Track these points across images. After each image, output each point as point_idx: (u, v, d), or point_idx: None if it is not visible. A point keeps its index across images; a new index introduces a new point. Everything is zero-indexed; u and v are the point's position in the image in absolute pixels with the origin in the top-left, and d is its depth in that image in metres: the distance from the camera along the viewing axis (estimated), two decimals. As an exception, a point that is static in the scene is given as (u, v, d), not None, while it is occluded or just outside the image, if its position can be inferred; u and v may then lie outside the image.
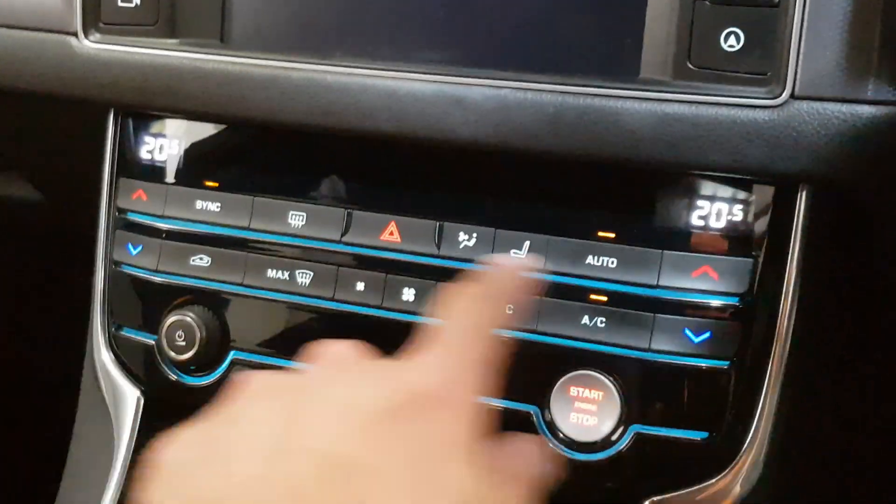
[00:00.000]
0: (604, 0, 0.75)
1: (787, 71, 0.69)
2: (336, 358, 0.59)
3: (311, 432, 0.50)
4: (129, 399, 0.87)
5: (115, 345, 0.88)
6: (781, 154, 0.70)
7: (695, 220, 0.75)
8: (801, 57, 0.69)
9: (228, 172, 0.86)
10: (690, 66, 0.72)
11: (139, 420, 0.87)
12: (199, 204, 0.85)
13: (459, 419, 0.53)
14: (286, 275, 0.82)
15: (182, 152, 0.88)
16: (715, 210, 0.75)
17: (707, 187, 0.75)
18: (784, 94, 0.69)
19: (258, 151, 0.86)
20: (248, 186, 0.84)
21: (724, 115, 0.70)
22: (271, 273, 0.82)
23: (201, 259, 0.84)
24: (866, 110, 0.68)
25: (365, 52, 0.80)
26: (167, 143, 0.88)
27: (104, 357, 0.88)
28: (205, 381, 0.84)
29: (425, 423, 0.51)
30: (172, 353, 0.82)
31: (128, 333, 0.88)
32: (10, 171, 1.07)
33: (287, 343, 0.81)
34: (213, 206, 0.84)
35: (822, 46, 0.68)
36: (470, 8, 0.77)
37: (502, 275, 0.65)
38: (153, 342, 0.84)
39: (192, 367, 0.83)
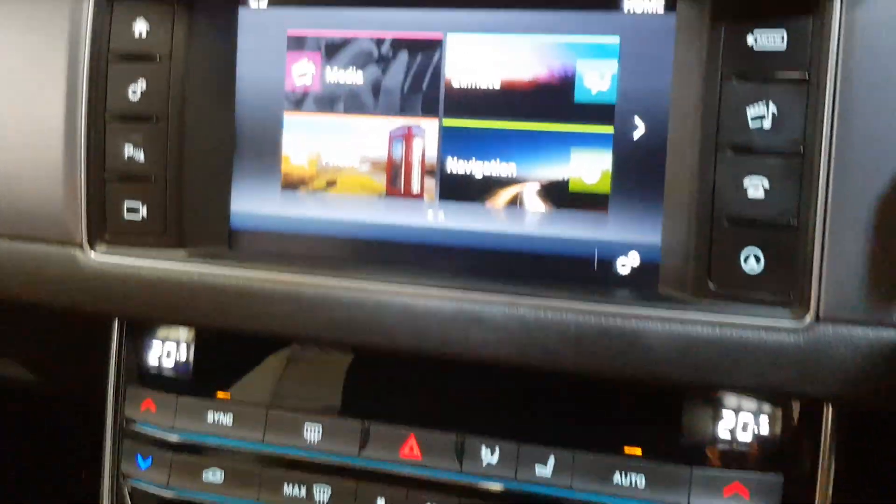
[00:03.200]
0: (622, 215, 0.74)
1: (810, 294, 0.69)
2: None
3: None
4: None
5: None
6: (808, 376, 0.69)
7: (722, 432, 0.74)
8: (823, 280, 0.68)
9: (240, 382, 0.84)
10: (711, 286, 0.71)
11: None
12: (210, 416, 0.83)
13: None
14: (303, 491, 0.80)
15: (191, 360, 0.86)
16: (741, 423, 0.74)
17: (733, 400, 0.74)
18: (808, 318, 0.69)
19: (271, 360, 0.84)
20: (261, 397, 0.82)
21: (748, 338, 0.70)
22: (287, 489, 0.81)
23: (214, 474, 0.82)
24: (893, 333, 0.67)
25: (381, 269, 0.78)
26: (175, 350, 0.86)
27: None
28: None
29: None
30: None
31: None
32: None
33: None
34: (226, 419, 0.83)
35: (844, 269, 0.68)
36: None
37: None
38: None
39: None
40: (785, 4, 0.69)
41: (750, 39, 0.69)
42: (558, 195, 0.77)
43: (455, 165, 0.79)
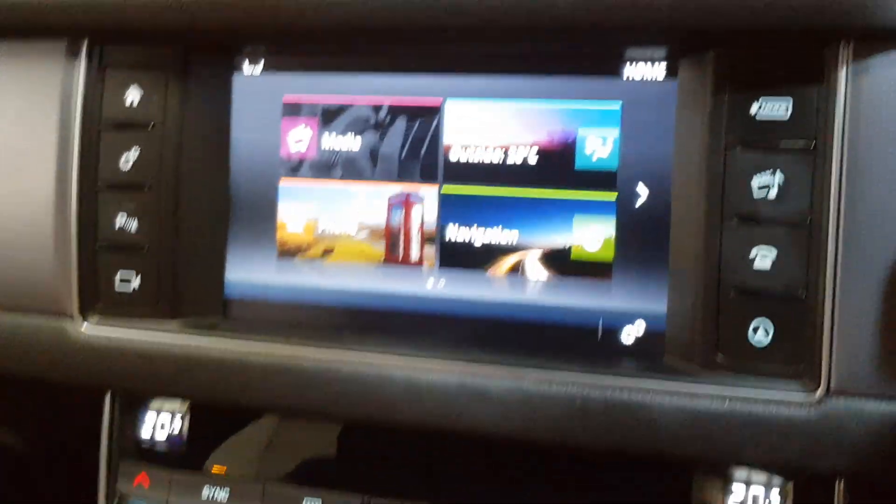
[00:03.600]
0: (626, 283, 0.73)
1: (820, 367, 0.67)
2: None
3: None
4: None
5: None
6: (819, 451, 0.68)
7: (730, 507, 0.72)
8: (833, 352, 0.67)
9: (236, 455, 0.81)
10: (719, 358, 0.70)
11: None
12: (206, 491, 0.81)
13: None
14: (304, 567, 0.78)
15: (186, 433, 0.84)
16: (752, 496, 0.72)
17: (742, 474, 0.72)
18: (819, 392, 0.67)
19: (266, 432, 0.82)
20: (257, 470, 0.80)
21: (757, 413, 0.68)
22: (287, 567, 0.78)
23: (211, 551, 0.80)
24: (905, 407, 0.66)
25: (380, 339, 0.77)
26: (169, 423, 0.84)
27: None
28: None
29: None
30: None
31: None
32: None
33: None
34: (222, 494, 0.81)
35: (855, 341, 0.67)
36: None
37: None
38: None
39: None
40: (790, 73, 0.67)
41: (754, 108, 0.68)
42: (561, 263, 0.76)
43: (455, 233, 0.78)
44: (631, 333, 0.75)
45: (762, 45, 0.68)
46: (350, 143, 0.80)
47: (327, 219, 0.81)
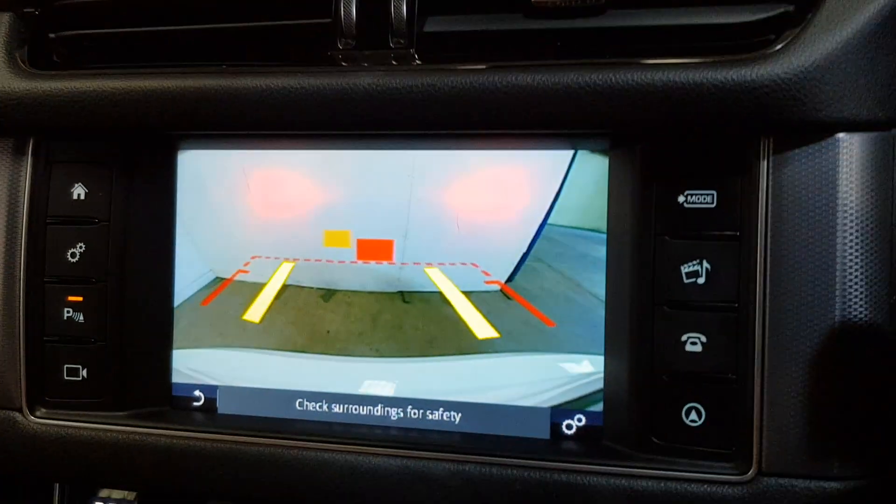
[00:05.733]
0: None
1: (751, 447, 0.69)
2: None
3: None
4: None
5: None
6: (753, 529, 0.69)
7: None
8: (764, 433, 0.69)
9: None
10: (654, 440, 0.71)
11: None
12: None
13: None
14: None
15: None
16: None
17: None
18: (751, 471, 0.69)
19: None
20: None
21: (693, 492, 0.70)
22: None
23: None
24: (834, 486, 0.68)
25: (320, 424, 0.78)
26: (119, 512, 0.84)
27: None
28: None
29: None
30: None
31: None
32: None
33: None
34: None
35: (784, 421, 0.69)
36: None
37: None
38: None
39: None
40: (714, 165, 0.70)
41: (681, 198, 0.71)
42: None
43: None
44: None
45: (687, 138, 0.71)
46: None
47: (273, 306, 0.82)
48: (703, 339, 0.71)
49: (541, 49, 0.74)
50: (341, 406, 0.80)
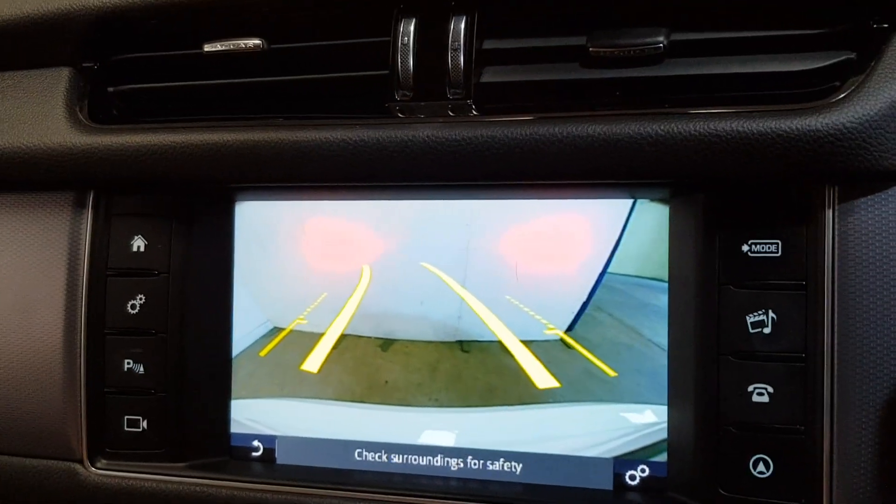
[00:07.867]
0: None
1: (821, 500, 0.68)
2: None
3: None
4: None
5: None
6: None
7: None
8: (834, 484, 0.68)
9: None
10: (721, 491, 0.70)
11: None
12: None
13: None
14: None
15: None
16: None
17: None
18: (822, 526, 0.68)
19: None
20: None
21: (762, 545, 0.69)
22: None
23: None
24: (905, 537, 0.67)
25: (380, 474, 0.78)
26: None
27: None
28: None
29: None
30: None
31: None
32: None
33: None
34: None
35: (855, 472, 0.68)
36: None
37: None
38: None
39: None
40: (778, 214, 0.69)
41: (745, 247, 0.70)
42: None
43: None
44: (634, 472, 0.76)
45: (750, 187, 0.70)
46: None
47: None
48: (770, 389, 0.70)
49: (598, 98, 0.73)
50: (400, 456, 0.80)
